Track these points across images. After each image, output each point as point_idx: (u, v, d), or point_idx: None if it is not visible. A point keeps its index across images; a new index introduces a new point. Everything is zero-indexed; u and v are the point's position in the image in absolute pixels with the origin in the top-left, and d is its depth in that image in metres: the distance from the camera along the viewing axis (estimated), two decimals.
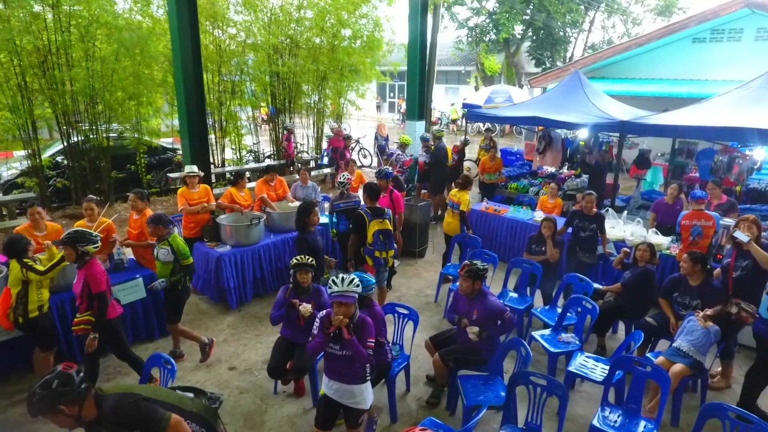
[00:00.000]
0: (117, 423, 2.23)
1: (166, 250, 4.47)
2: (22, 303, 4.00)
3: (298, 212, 4.96)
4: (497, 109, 9.58)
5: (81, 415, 2.21)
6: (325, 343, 3.18)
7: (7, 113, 8.85)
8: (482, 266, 4.01)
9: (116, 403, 2.27)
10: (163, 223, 4.51)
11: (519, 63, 24.58)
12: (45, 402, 2.13)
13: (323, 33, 12.48)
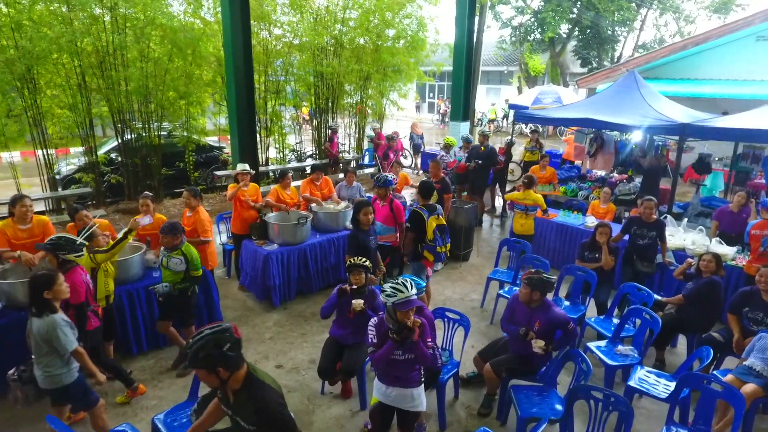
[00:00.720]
0: (259, 412, 2.22)
1: (178, 260, 4.39)
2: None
3: (353, 209, 5.08)
4: (546, 111, 9.31)
5: (228, 381, 2.23)
6: (391, 351, 3.11)
7: (67, 111, 9.28)
8: (548, 278, 3.86)
9: (268, 396, 2.26)
10: (178, 232, 4.42)
11: (564, 63, 23.95)
12: (210, 360, 2.16)
13: (367, 33, 12.48)
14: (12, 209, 4.61)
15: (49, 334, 3.17)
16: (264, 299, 6.04)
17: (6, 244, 4.55)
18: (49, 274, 3.27)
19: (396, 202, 5.62)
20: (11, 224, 4.61)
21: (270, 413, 2.23)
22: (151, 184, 10.34)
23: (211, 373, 2.19)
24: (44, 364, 3.24)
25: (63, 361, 3.28)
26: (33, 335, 3.22)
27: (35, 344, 3.23)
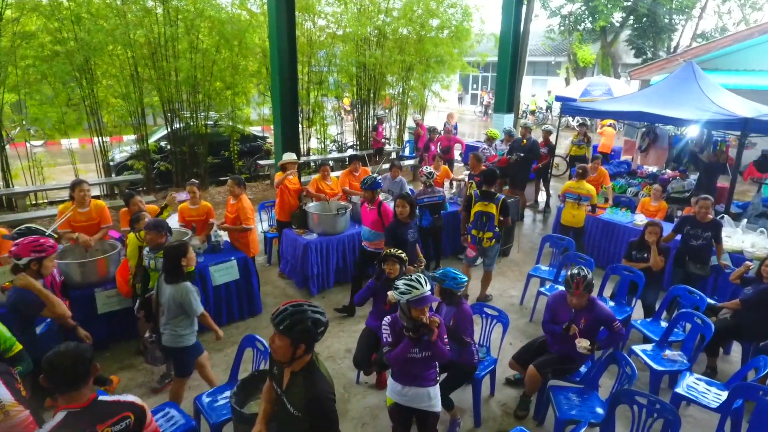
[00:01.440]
0: (309, 400, 2.23)
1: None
2: (140, 272, 4.31)
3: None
4: (595, 103, 8.95)
5: (296, 359, 2.26)
6: (408, 349, 3.05)
7: (121, 101, 9.69)
8: (590, 275, 3.74)
9: (321, 387, 2.27)
10: (163, 230, 4.05)
11: (616, 53, 22.94)
12: (302, 335, 2.19)
13: (410, 23, 12.35)
14: (72, 193, 4.89)
15: (182, 299, 3.52)
16: (303, 287, 6.13)
17: (66, 225, 4.83)
18: (183, 245, 3.66)
19: (385, 205, 5.30)
20: (70, 207, 4.87)
21: (320, 404, 2.23)
22: (198, 171, 10.69)
23: (292, 346, 2.21)
24: (173, 326, 3.61)
25: (189, 322, 3.65)
26: (165, 299, 3.57)
27: (167, 308, 3.58)
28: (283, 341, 2.21)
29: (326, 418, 2.27)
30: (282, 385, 2.40)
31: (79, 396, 2.01)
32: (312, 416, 2.24)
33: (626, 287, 5.20)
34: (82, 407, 2.01)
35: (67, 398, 2.00)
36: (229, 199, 5.67)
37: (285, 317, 2.22)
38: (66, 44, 8.41)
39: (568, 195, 6.61)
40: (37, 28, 8.57)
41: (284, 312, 2.23)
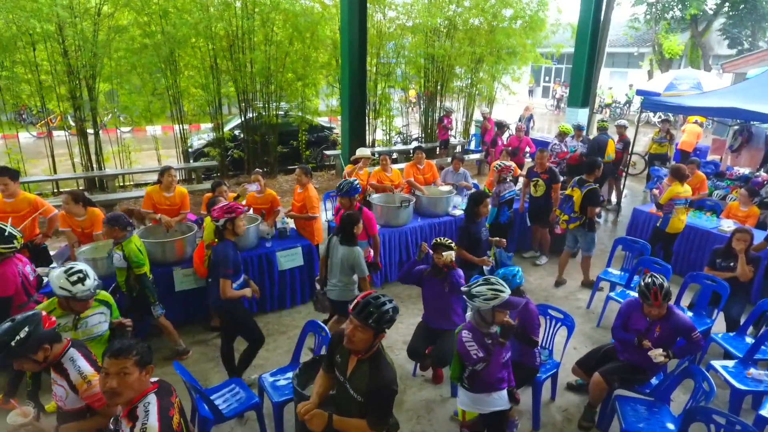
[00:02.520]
0: (374, 388, 2.29)
1: (118, 255, 4.03)
2: None
3: (470, 201, 4.90)
4: (681, 98, 8.30)
5: (373, 348, 2.36)
6: (500, 355, 3.04)
7: (200, 91, 10.25)
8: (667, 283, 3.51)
9: (388, 377, 2.32)
10: (120, 224, 3.99)
11: (707, 44, 21.12)
12: (380, 324, 2.29)
13: (483, 13, 12.06)
14: (160, 177, 5.27)
15: (354, 260, 4.10)
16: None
17: (151, 206, 5.21)
18: (357, 214, 4.24)
19: (366, 211, 4.84)
20: (158, 190, 5.30)
21: (383, 393, 2.29)
22: (268, 160, 11.11)
23: (370, 333, 2.28)
24: (343, 282, 4.21)
25: (354, 281, 4.22)
26: (337, 259, 4.16)
27: (340, 266, 4.16)
28: (367, 333, 2.28)
29: (385, 406, 2.32)
30: (346, 373, 2.47)
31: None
32: (373, 402, 2.29)
33: (707, 298, 4.82)
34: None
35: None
36: (296, 187, 5.85)
37: (372, 311, 2.28)
38: (154, 37, 9.00)
39: (677, 201, 5.95)
40: (129, 23, 9.24)
41: (368, 305, 2.28)
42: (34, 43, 8.38)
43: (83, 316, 3.02)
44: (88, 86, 9.03)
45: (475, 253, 4.85)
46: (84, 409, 2.50)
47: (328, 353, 2.63)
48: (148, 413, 2.03)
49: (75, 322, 3.01)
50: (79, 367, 2.44)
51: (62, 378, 2.43)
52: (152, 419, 2.01)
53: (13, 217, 4.74)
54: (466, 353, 2.95)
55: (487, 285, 2.94)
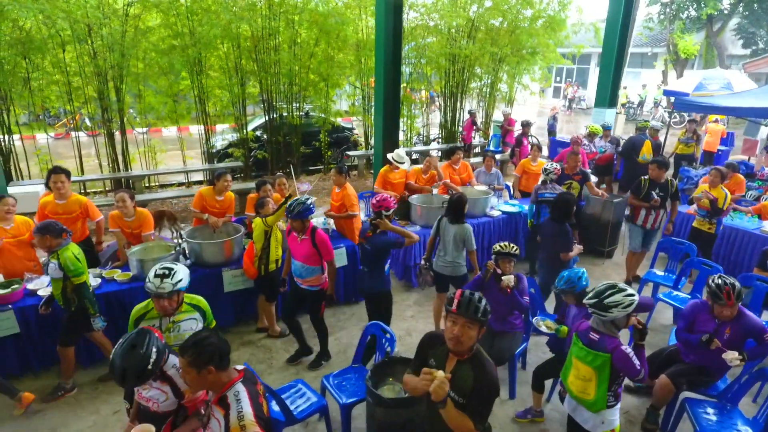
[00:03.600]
0: (480, 387, 2.24)
1: (54, 264, 3.78)
2: (265, 255, 4.60)
3: (564, 203, 4.81)
4: (714, 98, 8.25)
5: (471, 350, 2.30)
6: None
7: (224, 92, 10.25)
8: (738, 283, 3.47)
9: (493, 376, 2.28)
10: (51, 233, 3.78)
11: (721, 44, 21.03)
12: (486, 312, 2.25)
13: (504, 13, 12.01)
14: (216, 181, 5.28)
15: (464, 236, 4.55)
16: (402, 278, 6.20)
17: (201, 207, 5.22)
18: (465, 197, 4.70)
19: (320, 233, 4.24)
20: (210, 192, 5.33)
21: (490, 392, 2.25)
22: (291, 160, 11.10)
23: (476, 328, 2.24)
24: (452, 257, 4.64)
25: (464, 257, 4.65)
26: (449, 237, 4.59)
27: (453, 243, 4.59)
28: (474, 329, 2.22)
29: (488, 406, 2.28)
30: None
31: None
32: (477, 402, 2.23)
33: (761, 299, 4.78)
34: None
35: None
36: (334, 188, 5.85)
37: (477, 305, 2.21)
38: (183, 38, 9.00)
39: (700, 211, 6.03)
40: (156, 24, 9.25)
41: (471, 301, 2.22)
42: (64, 44, 8.41)
43: (176, 320, 2.96)
44: (116, 87, 9.05)
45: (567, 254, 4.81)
46: (173, 411, 2.52)
47: (418, 356, 2.58)
48: (239, 401, 2.10)
49: (168, 326, 2.96)
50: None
51: (165, 384, 2.47)
52: (246, 406, 2.08)
53: (65, 218, 4.75)
54: (632, 367, 2.74)
55: (619, 293, 2.76)
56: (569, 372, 2.99)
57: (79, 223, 4.88)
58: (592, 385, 2.84)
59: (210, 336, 2.15)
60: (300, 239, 4.20)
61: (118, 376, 2.28)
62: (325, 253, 4.23)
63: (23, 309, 4.15)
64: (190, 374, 2.10)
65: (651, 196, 5.78)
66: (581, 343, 2.89)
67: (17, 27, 7.96)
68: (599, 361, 2.78)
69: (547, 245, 4.93)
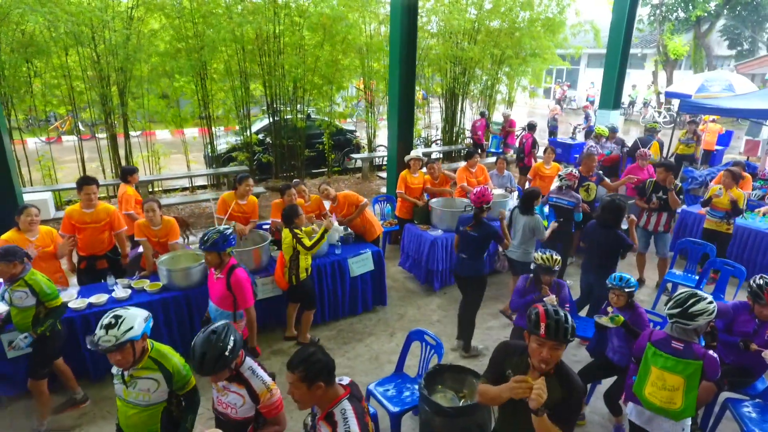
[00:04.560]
0: (570, 399, 2.20)
1: (23, 293, 3.47)
2: (294, 265, 4.54)
3: (616, 208, 4.74)
4: (719, 100, 8.42)
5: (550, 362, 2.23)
6: None
7: (227, 95, 10.14)
8: None
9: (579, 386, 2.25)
10: (19, 258, 3.47)
11: (708, 44, 21.47)
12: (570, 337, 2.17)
13: (502, 16, 12.09)
14: (237, 185, 5.21)
15: (534, 225, 5.02)
16: (425, 282, 6.20)
17: (224, 213, 5.16)
18: (538, 191, 5.22)
19: (238, 274, 3.57)
20: (233, 197, 5.26)
21: (577, 402, 2.24)
22: (295, 164, 11.03)
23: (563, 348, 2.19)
24: (525, 246, 5.11)
25: (533, 245, 5.12)
26: (520, 227, 5.09)
27: (522, 232, 5.08)
28: (562, 349, 2.17)
29: (576, 415, 2.28)
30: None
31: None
32: (566, 412, 2.21)
33: None
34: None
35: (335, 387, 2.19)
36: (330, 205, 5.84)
37: (566, 327, 2.13)
38: (188, 42, 8.88)
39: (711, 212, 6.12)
40: (161, 26, 9.11)
41: (558, 323, 2.13)
42: (67, 48, 8.24)
43: (134, 375, 2.48)
44: (119, 90, 8.90)
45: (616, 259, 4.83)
46: (252, 418, 2.49)
47: (493, 366, 2.50)
48: (347, 419, 2.09)
49: (126, 378, 2.48)
50: (262, 377, 2.46)
51: (241, 386, 2.43)
52: (353, 426, 2.07)
53: (93, 228, 4.66)
54: (718, 371, 2.81)
55: (702, 301, 2.79)
56: (645, 384, 2.93)
57: (106, 233, 4.78)
58: (679, 394, 2.80)
59: (317, 351, 2.14)
60: (216, 276, 3.63)
61: (198, 361, 2.30)
62: (241, 300, 3.58)
63: None
64: (300, 389, 2.08)
65: (651, 198, 5.89)
66: (665, 353, 2.85)
67: (20, 30, 7.79)
68: (691, 369, 2.77)
69: (595, 250, 4.85)
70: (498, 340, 5.09)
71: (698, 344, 2.83)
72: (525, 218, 5.08)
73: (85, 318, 4.15)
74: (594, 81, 25.78)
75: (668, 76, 21.38)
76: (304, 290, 4.70)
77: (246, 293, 3.60)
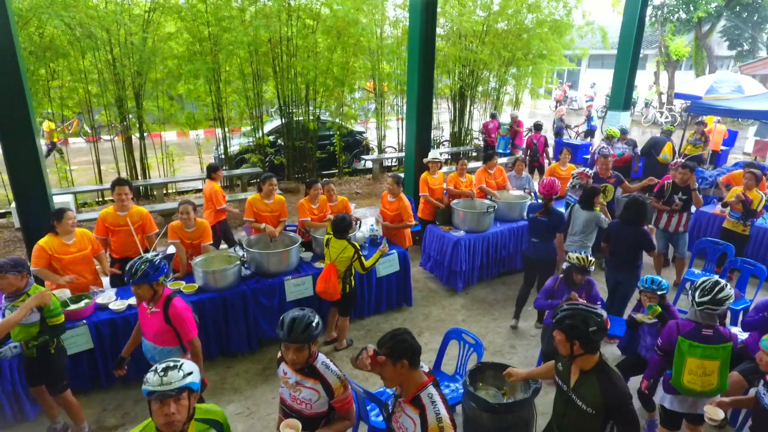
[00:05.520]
0: (608, 399, 2.36)
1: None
2: (348, 277, 4.61)
3: (639, 205, 4.87)
4: (730, 101, 8.55)
5: (576, 357, 2.45)
6: None
7: (240, 97, 10.20)
8: None
9: (621, 386, 2.41)
10: (27, 270, 3.36)
11: (708, 45, 21.67)
12: (571, 330, 2.39)
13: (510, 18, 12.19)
14: (261, 185, 5.28)
15: (595, 219, 5.24)
16: (447, 282, 6.29)
17: (253, 215, 5.23)
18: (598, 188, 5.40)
19: (175, 304, 3.14)
20: (259, 198, 5.31)
21: (620, 402, 2.36)
22: (307, 165, 11.10)
23: (567, 342, 2.42)
24: (581, 239, 5.31)
25: (591, 238, 5.32)
26: (580, 220, 5.30)
27: (582, 226, 5.28)
28: (561, 335, 2.44)
29: (634, 416, 2.38)
30: (569, 382, 2.54)
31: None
32: (621, 416, 2.37)
33: None
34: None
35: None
36: (385, 195, 5.92)
37: (591, 330, 2.38)
38: (203, 44, 8.95)
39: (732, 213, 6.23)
40: (177, 29, 9.17)
41: (578, 328, 2.40)
42: (84, 52, 8.29)
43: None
44: (135, 93, 8.95)
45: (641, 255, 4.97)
46: (324, 414, 2.56)
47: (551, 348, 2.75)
48: (435, 403, 2.22)
49: None
50: (335, 371, 2.53)
51: (316, 381, 2.49)
52: (442, 409, 2.21)
53: (126, 230, 4.73)
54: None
55: (725, 287, 3.07)
56: (683, 374, 3.09)
57: (139, 236, 4.84)
58: (716, 376, 3.07)
59: (405, 332, 2.28)
60: (150, 311, 3.16)
61: (287, 326, 2.38)
62: (183, 332, 3.16)
63: (96, 324, 4.13)
64: (386, 366, 2.23)
65: (673, 200, 5.98)
66: (701, 343, 3.04)
67: (38, 33, 7.83)
68: (726, 352, 3.03)
69: (621, 248, 4.95)
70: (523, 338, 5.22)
71: (722, 327, 3.11)
72: (585, 213, 5.30)
73: (125, 319, 4.22)
74: (595, 82, 25.98)
75: (670, 76, 21.56)
76: (349, 299, 4.72)
77: (187, 324, 3.16)
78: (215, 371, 4.63)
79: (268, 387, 4.45)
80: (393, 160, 12.75)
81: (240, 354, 4.83)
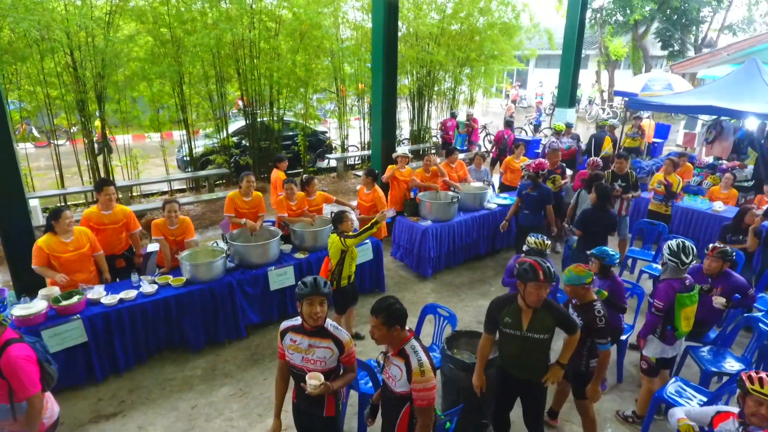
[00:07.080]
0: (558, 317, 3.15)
1: None
2: (338, 271, 4.59)
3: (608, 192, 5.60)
4: (661, 97, 9.47)
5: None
6: None
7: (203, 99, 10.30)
8: (732, 250, 4.36)
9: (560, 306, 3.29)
10: None
11: (644, 46, 23.31)
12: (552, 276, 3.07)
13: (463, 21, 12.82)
14: (241, 183, 5.53)
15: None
16: (417, 269, 6.74)
17: (233, 210, 5.48)
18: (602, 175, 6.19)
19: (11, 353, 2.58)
20: (239, 195, 5.55)
21: (564, 313, 3.18)
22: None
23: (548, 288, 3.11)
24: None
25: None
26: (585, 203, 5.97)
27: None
28: (548, 289, 3.10)
29: (572, 320, 3.23)
30: (522, 326, 3.14)
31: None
32: (565, 320, 3.16)
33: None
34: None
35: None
36: (361, 188, 6.31)
37: (554, 272, 3.05)
38: (166, 47, 9.01)
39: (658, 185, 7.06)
40: (137, 32, 9.17)
41: (549, 268, 3.08)
42: (42, 54, 8.18)
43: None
44: (98, 96, 8.89)
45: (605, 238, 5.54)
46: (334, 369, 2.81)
47: (490, 318, 3.30)
48: (416, 352, 2.62)
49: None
50: (421, 359, 2.60)
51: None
52: (423, 356, 2.61)
53: (112, 229, 4.88)
54: None
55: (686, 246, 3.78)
56: (681, 323, 3.73)
57: (123, 233, 5.00)
58: (693, 315, 3.84)
59: (396, 302, 2.65)
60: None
61: (311, 284, 2.67)
62: (19, 387, 2.59)
63: (90, 318, 4.30)
64: (381, 331, 2.60)
65: (613, 187, 6.71)
66: (690, 292, 3.75)
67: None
68: (697, 294, 3.82)
69: (594, 231, 5.46)
70: None
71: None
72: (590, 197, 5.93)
73: (118, 312, 4.41)
74: (542, 80, 27.29)
75: (610, 75, 23.05)
76: (344, 295, 4.76)
77: (25, 377, 2.57)
78: (205, 359, 4.87)
79: (258, 370, 4.74)
80: (356, 158, 13.12)
81: (227, 341, 5.09)
